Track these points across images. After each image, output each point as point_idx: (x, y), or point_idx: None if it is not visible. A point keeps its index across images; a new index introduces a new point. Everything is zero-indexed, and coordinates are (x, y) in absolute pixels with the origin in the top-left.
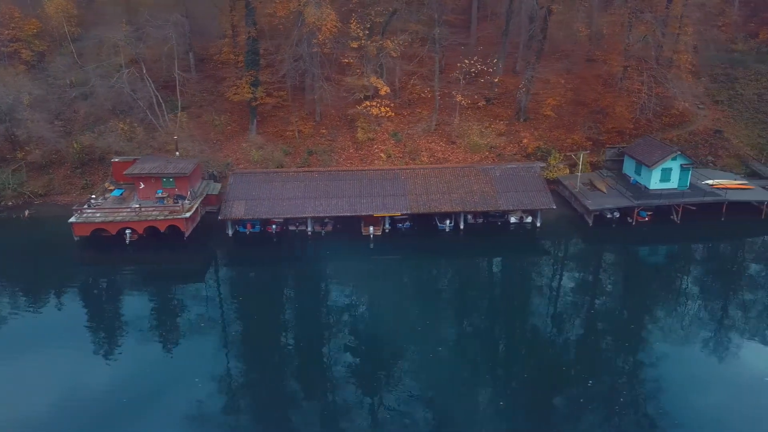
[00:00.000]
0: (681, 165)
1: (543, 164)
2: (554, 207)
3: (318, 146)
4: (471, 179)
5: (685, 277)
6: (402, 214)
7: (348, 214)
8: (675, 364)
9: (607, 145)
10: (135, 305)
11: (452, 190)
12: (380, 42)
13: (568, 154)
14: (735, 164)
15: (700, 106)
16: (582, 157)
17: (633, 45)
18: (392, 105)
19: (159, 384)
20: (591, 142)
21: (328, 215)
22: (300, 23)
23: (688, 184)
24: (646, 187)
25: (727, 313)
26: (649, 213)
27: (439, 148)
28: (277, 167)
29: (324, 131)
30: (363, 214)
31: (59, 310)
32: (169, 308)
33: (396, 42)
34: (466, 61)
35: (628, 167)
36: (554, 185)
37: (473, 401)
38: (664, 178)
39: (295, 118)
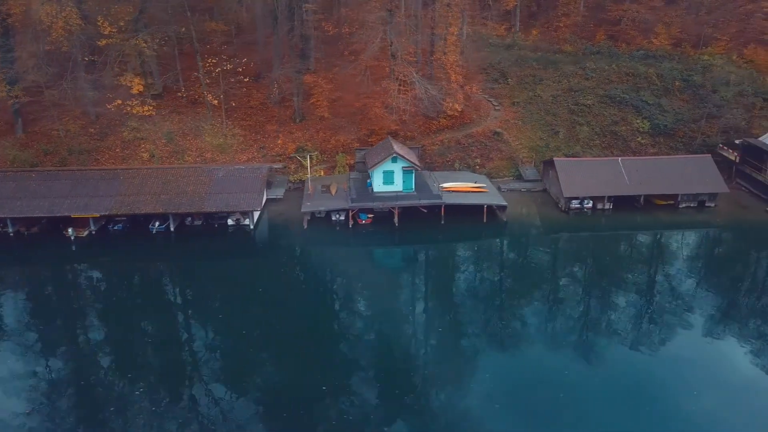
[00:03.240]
0: (402, 168)
1: (279, 165)
2: (259, 209)
3: (82, 145)
4: (190, 180)
5: (360, 280)
6: (100, 215)
7: (44, 215)
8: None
9: (356, 148)
10: None
11: (165, 191)
12: (128, 39)
13: (324, 155)
14: (506, 167)
15: (497, 108)
16: (309, 159)
17: (369, 44)
18: (154, 104)
19: None
20: (358, 143)
21: (22, 216)
22: (36, 21)
23: (413, 187)
24: (373, 190)
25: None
26: (370, 216)
27: (209, 147)
28: (32, 167)
29: (92, 130)
30: (59, 215)
31: None
32: None
33: (146, 39)
34: (210, 60)
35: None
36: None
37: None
38: (387, 180)
39: (66, 117)
